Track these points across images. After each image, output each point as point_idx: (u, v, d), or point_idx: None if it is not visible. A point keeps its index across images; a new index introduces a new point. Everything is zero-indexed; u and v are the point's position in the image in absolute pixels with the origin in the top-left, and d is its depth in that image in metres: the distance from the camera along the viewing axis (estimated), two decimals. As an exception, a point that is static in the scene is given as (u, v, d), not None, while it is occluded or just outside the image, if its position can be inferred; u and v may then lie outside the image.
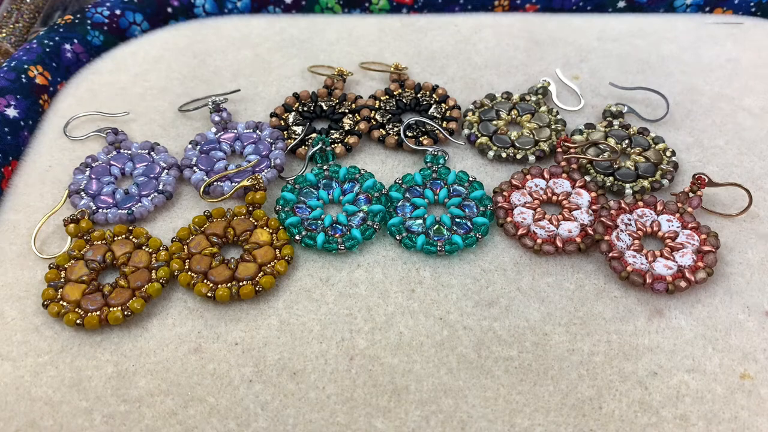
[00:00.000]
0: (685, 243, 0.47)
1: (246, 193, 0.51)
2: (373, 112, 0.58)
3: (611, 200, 0.50)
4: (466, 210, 0.50)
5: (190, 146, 0.55)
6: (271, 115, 0.58)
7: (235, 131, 0.56)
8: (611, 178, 0.52)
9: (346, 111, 0.58)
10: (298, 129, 0.57)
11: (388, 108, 0.59)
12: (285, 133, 0.57)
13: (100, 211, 0.51)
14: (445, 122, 0.58)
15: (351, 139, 0.56)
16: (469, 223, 0.49)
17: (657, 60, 0.64)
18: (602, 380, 0.42)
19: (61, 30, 0.65)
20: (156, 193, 0.52)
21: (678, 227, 0.48)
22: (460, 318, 0.45)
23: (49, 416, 0.41)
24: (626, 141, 0.55)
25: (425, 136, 0.56)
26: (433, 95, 0.60)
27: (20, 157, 0.56)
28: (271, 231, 0.49)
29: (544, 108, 0.58)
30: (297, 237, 0.48)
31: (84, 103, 0.61)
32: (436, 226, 0.49)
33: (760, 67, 0.63)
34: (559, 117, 0.58)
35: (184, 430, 0.40)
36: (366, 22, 0.69)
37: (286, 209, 0.50)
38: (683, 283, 0.45)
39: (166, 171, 0.54)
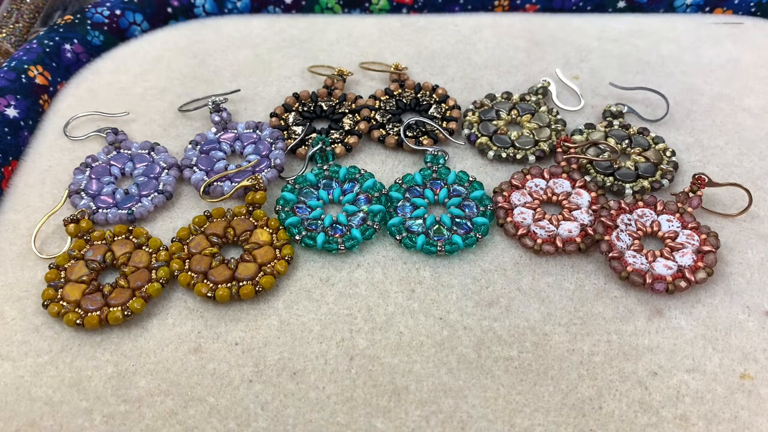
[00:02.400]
0: (685, 243, 0.47)
1: (246, 193, 0.51)
2: (373, 112, 0.58)
3: (611, 200, 0.50)
4: (466, 210, 0.50)
5: (190, 146, 0.55)
6: (271, 115, 0.58)
7: (235, 131, 0.56)
8: (611, 178, 0.52)
9: (346, 111, 0.58)
10: (298, 129, 0.57)
11: (388, 108, 0.59)
12: (285, 133, 0.57)
13: (100, 211, 0.51)
14: (445, 122, 0.58)
15: (351, 139, 0.56)
16: (469, 223, 0.49)
17: (657, 60, 0.64)
18: (602, 380, 0.42)
19: (61, 30, 0.65)
20: (156, 193, 0.52)
21: (678, 227, 0.48)
22: (460, 318, 0.45)
23: (49, 416, 0.41)
24: (626, 141, 0.55)
25: (425, 136, 0.56)
26: (433, 95, 0.60)
27: (20, 157, 0.56)
28: (271, 231, 0.49)
29: (544, 108, 0.58)
30: (297, 237, 0.48)
31: (84, 103, 0.61)
32: (436, 226, 0.49)
33: (760, 67, 0.63)
34: (559, 117, 0.58)
35: (184, 430, 0.40)
36: (366, 22, 0.69)
37: (286, 209, 0.50)
38: (683, 283, 0.45)
39: (166, 171, 0.54)
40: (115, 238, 0.49)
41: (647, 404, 0.41)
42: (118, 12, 0.68)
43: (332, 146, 0.55)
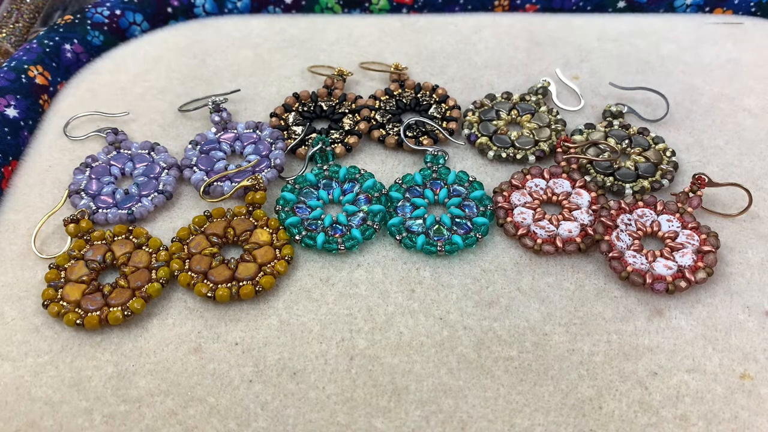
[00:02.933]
0: (685, 243, 0.47)
1: (246, 193, 0.51)
2: (373, 112, 0.58)
3: (611, 200, 0.50)
4: (466, 210, 0.50)
5: (190, 146, 0.55)
6: (271, 115, 0.58)
7: (235, 131, 0.56)
8: (611, 178, 0.52)
9: (346, 111, 0.58)
10: (298, 129, 0.57)
11: (388, 108, 0.59)
12: (285, 133, 0.57)
13: (100, 211, 0.51)
14: (445, 122, 0.58)
15: (351, 139, 0.56)
16: (469, 223, 0.49)
17: (657, 60, 0.64)
18: (602, 380, 0.42)
19: (61, 30, 0.65)
20: (156, 193, 0.52)
21: (678, 227, 0.48)
22: (460, 318, 0.45)
23: (49, 416, 0.41)
24: (626, 141, 0.55)
25: (425, 136, 0.56)
26: (433, 95, 0.60)
27: (20, 157, 0.56)
28: (271, 231, 0.49)
29: (544, 108, 0.58)
30: (297, 237, 0.48)
31: (84, 103, 0.61)
32: (436, 226, 0.49)
33: (760, 67, 0.63)
34: (559, 117, 0.58)
35: (184, 430, 0.40)
36: (366, 22, 0.69)
37: (286, 209, 0.50)
38: (683, 283, 0.45)
39: (166, 171, 0.54)
40: (115, 238, 0.49)
41: (647, 404, 0.41)
42: (118, 12, 0.68)
43: (332, 146, 0.55)
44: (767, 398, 0.41)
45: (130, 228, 0.49)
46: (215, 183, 0.52)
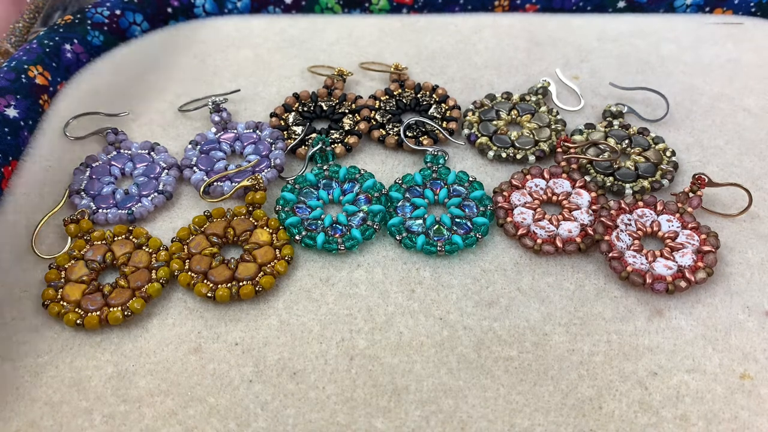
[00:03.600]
0: (685, 243, 0.47)
1: (246, 193, 0.51)
2: (373, 112, 0.58)
3: (611, 200, 0.50)
4: (466, 210, 0.50)
5: (190, 146, 0.55)
6: (271, 115, 0.58)
7: (235, 131, 0.56)
8: (611, 178, 0.52)
9: (346, 111, 0.58)
10: (298, 129, 0.57)
11: (388, 108, 0.59)
12: (285, 133, 0.57)
13: (100, 211, 0.51)
14: (445, 122, 0.58)
15: (351, 139, 0.56)
16: (469, 223, 0.49)
17: (657, 60, 0.64)
18: (602, 380, 0.42)
19: (61, 30, 0.65)
20: (156, 193, 0.52)
21: (678, 227, 0.48)
22: (460, 318, 0.45)
23: (49, 416, 0.41)
24: (626, 141, 0.55)
25: (425, 136, 0.56)
26: (433, 95, 0.60)
27: (20, 157, 0.56)
28: (271, 231, 0.49)
29: (544, 108, 0.58)
30: (297, 237, 0.48)
31: (84, 103, 0.61)
32: (436, 226, 0.49)
33: (760, 67, 0.63)
34: (559, 117, 0.58)
35: (184, 430, 0.40)
36: (366, 22, 0.69)
37: (286, 209, 0.50)
38: (683, 283, 0.45)
39: (166, 171, 0.54)
40: (115, 238, 0.49)
41: (647, 404, 0.41)
42: (118, 12, 0.68)
43: (332, 146, 0.55)
44: (767, 398, 0.41)
45: (130, 228, 0.49)
46: (215, 183, 0.52)
